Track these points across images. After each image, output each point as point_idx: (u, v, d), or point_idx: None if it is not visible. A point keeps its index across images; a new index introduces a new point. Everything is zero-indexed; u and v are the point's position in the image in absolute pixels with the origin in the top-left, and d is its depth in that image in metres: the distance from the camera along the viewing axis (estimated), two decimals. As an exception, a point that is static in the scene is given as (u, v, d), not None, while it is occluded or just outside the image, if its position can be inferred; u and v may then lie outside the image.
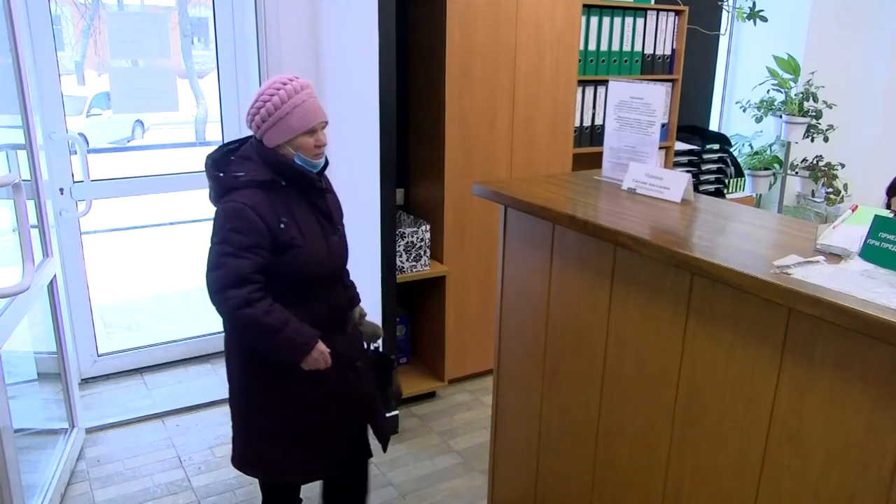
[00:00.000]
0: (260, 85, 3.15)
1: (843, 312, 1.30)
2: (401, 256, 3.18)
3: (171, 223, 6.56)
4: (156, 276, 5.41)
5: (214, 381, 3.54)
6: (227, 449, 3.00)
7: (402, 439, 3.14)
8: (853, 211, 1.68)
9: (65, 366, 2.88)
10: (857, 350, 1.37)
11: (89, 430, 3.09)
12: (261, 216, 1.89)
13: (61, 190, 3.19)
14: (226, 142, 2.10)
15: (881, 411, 1.34)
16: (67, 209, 3.22)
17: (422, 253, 3.26)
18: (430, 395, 3.49)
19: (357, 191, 3.07)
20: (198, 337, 3.80)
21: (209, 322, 4.00)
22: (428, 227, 3.27)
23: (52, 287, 2.78)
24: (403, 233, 3.18)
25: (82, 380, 3.47)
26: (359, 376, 2.17)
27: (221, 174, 1.95)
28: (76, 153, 3.18)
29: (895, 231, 1.48)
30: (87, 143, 3.71)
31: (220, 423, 3.20)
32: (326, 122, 2.06)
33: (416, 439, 3.13)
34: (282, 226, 1.92)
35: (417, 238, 3.22)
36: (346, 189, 3.21)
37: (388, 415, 3.10)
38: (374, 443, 2.26)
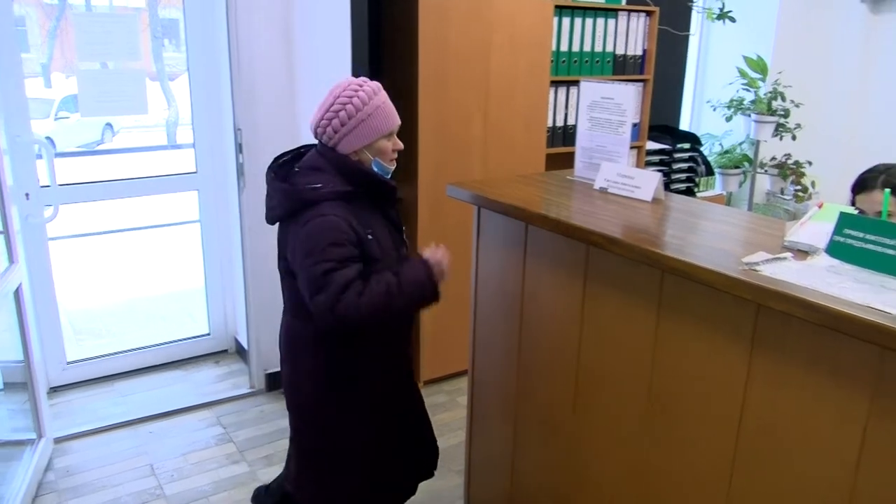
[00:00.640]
0: (233, 87, 3.13)
1: (811, 308, 1.31)
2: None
3: (142, 228, 6.47)
4: (126, 282, 5.34)
5: (187, 386, 3.50)
6: (201, 455, 2.98)
7: (378, 442, 3.12)
8: (819, 208, 1.71)
9: (31, 374, 2.82)
10: (826, 344, 1.38)
11: (59, 440, 3.03)
12: (353, 228, 1.82)
13: (27, 195, 3.13)
14: (278, 154, 2.03)
15: (850, 403, 1.36)
16: (33, 214, 3.16)
17: (396, 254, 3.25)
18: (407, 397, 3.48)
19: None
20: (170, 342, 3.75)
21: (181, 327, 3.97)
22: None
23: (17, 294, 2.73)
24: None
25: (52, 388, 3.41)
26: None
27: (291, 186, 1.85)
28: (42, 157, 3.13)
29: (860, 227, 1.51)
30: (55, 147, 3.66)
31: (194, 429, 3.17)
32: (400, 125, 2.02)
33: (392, 442, 3.12)
34: (369, 237, 1.86)
35: (391, 239, 3.21)
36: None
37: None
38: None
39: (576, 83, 3.59)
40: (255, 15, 3.09)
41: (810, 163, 4.79)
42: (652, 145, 4.40)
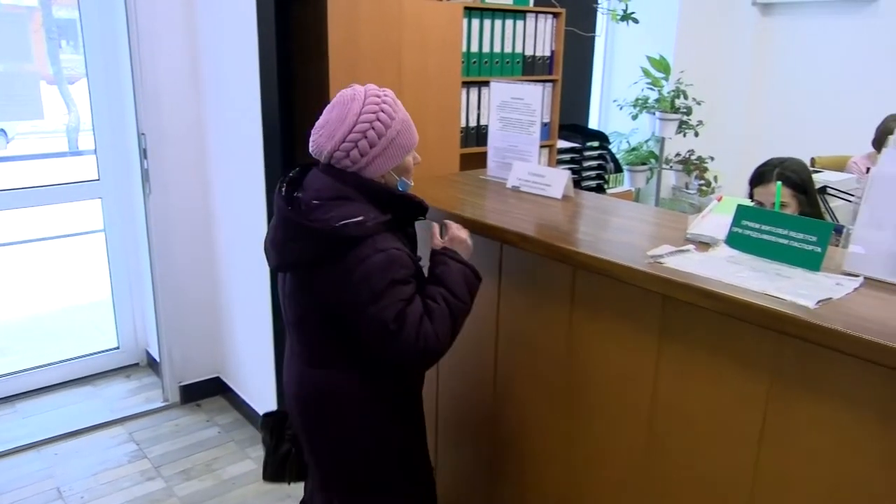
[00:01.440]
0: (136, 90, 3.02)
1: (712, 297, 1.38)
2: (291, 263, 3.11)
3: (43, 239, 6.15)
4: (27, 296, 5.06)
5: (97, 403, 3.35)
6: (113, 474, 2.86)
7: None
8: (719, 201, 1.79)
9: (-77, 398, 2.64)
10: (728, 331, 1.45)
11: (-45, 467, 2.85)
12: (412, 258, 1.64)
13: (-89, 207, 2.93)
14: (280, 181, 1.71)
15: (750, 385, 1.44)
16: (-81, 228, 2.96)
17: (313, 258, 3.20)
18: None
19: (242, 197, 2.99)
20: (76, 358, 3.58)
21: (88, 341, 3.79)
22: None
23: None
24: (293, 239, 3.12)
25: (-55, 412, 3.21)
26: None
27: (325, 225, 1.55)
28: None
29: (756, 219, 1.59)
30: (-59, 156, 3.44)
31: (105, 447, 3.03)
32: None
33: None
34: (420, 263, 1.69)
35: (307, 243, 3.17)
36: (230, 198, 3.12)
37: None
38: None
39: (487, 84, 3.63)
40: (156, 15, 2.99)
41: (712, 158, 5.01)
42: (562, 144, 4.50)
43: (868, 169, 3.81)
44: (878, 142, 3.90)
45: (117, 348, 3.68)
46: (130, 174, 3.37)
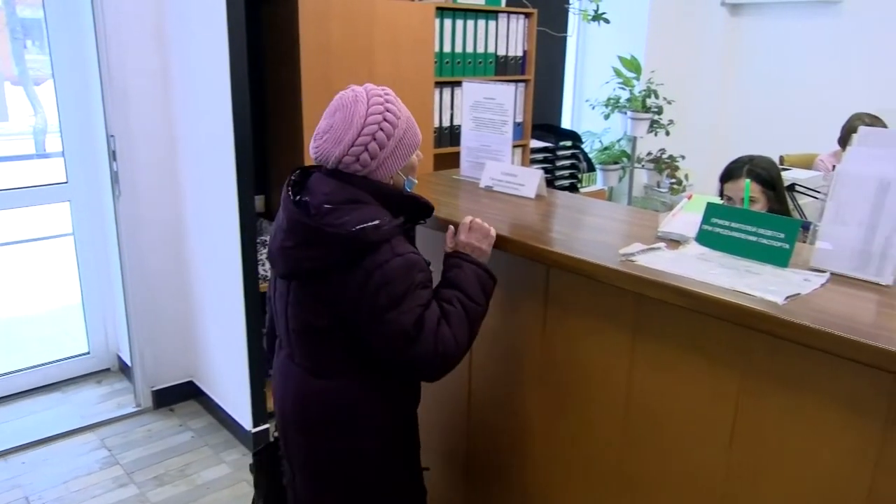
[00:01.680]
0: (104, 91, 2.97)
1: (683, 294, 1.39)
2: (263, 265, 3.09)
3: (9, 243, 6.03)
4: (-6, 302, 4.96)
5: (67, 409, 3.30)
6: (84, 481, 2.81)
7: (275, 452, 3.05)
8: (689, 199, 1.81)
9: None
10: (699, 328, 1.47)
11: (-80, 477, 2.79)
12: (425, 261, 1.61)
13: None
14: (286, 184, 1.65)
15: (721, 382, 1.46)
16: None
17: (286, 260, 3.18)
18: (303, 405, 3.42)
19: (214, 199, 2.96)
20: (45, 364, 3.52)
21: (57, 347, 3.73)
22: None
23: None
24: (265, 240, 3.10)
25: None
26: None
27: (347, 230, 1.50)
28: None
29: (725, 217, 1.61)
30: None
31: (76, 455, 2.99)
32: None
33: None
34: (430, 267, 1.65)
35: (281, 245, 3.14)
36: (203, 198, 3.09)
37: (257, 429, 3.02)
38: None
39: (460, 84, 3.64)
40: (124, 14, 2.95)
41: (683, 157, 5.07)
42: (535, 143, 4.52)
43: (834, 166, 3.88)
44: (844, 140, 3.97)
45: (88, 353, 3.63)
46: (99, 176, 3.32)
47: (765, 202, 2.39)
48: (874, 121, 3.89)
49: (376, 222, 1.51)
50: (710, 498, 1.52)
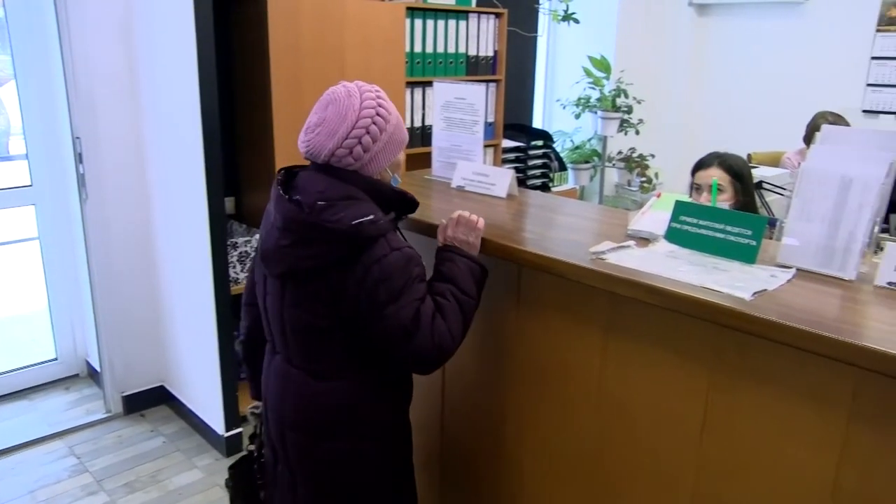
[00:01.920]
0: (69, 92, 2.92)
1: (653, 291, 1.41)
2: (234, 267, 3.06)
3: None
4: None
5: (34, 417, 3.23)
6: (52, 490, 2.76)
7: (248, 456, 3.02)
8: (658, 198, 1.83)
9: None
10: (668, 324, 1.49)
11: None
12: (419, 255, 1.62)
13: None
14: (277, 182, 1.65)
15: (693, 378, 1.47)
16: None
17: (257, 262, 3.15)
18: (277, 408, 3.39)
19: (183, 201, 2.93)
20: (11, 371, 3.45)
21: (24, 354, 3.65)
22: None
23: None
24: (236, 242, 3.07)
25: None
26: None
27: (347, 227, 1.50)
28: None
29: (693, 214, 1.63)
30: None
31: (43, 463, 2.93)
32: None
33: (263, 455, 3.03)
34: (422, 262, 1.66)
35: (251, 247, 3.12)
36: (171, 200, 3.05)
37: (230, 433, 2.99)
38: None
39: (431, 84, 3.64)
40: (88, 13, 2.90)
41: (653, 155, 5.12)
42: (507, 143, 4.54)
43: (801, 164, 3.95)
44: (809, 137, 4.05)
45: (55, 359, 3.56)
46: (65, 179, 3.26)
47: (732, 193, 2.44)
48: (837, 118, 3.96)
49: (371, 217, 1.52)
50: (682, 492, 1.54)
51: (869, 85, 4.73)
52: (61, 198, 3.33)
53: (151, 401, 3.39)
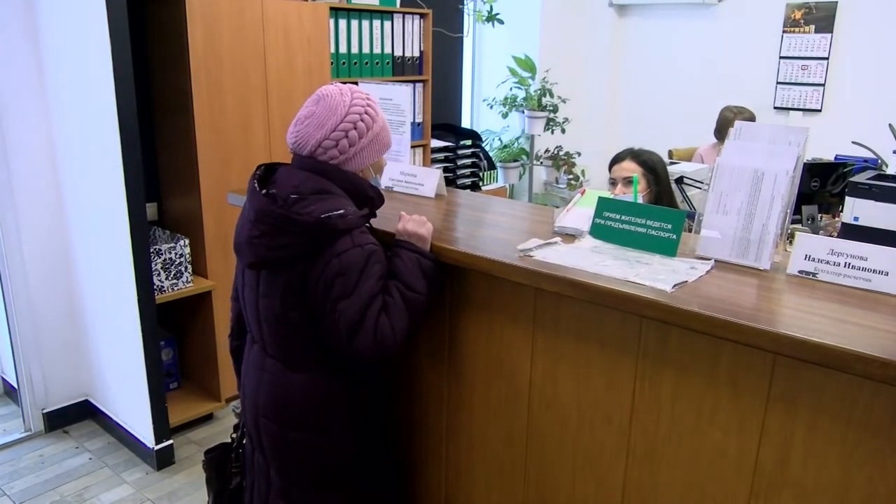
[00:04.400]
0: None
1: (577, 286, 1.44)
2: (159, 275, 2.97)
3: None
4: None
5: (-54, 439, 3.07)
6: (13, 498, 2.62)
7: (179, 469, 2.94)
8: (582, 195, 1.87)
9: None
10: (594, 318, 1.52)
11: None
12: (384, 254, 1.65)
13: None
14: (253, 177, 1.67)
15: (618, 369, 1.51)
16: None
17: (182, 269, 3.07)
18: (208, 418, 3.31)
19: (102, 208, 2.82)
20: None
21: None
22: (187, 241, 3.09)
23: None
24: (160, 249, 2.98)
25: None
26: None
27: (313, 219, 1.54)
28: None
29: (616, 210, 1.67)
30: None
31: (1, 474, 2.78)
32: None
33: (195, 467, 2.95)
34: (390, 257, 1.68)
35: (176, 254, 3.03)
36: (89, 207, 2.94)
37: (160, 446, 2.91)
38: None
39: (357, 84, 3.62)
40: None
41: (579, 153, 5.23)
42: (436, 143, 4.56)
43: (706, 158, 4.13)
44: (719, 131, 4.23)
45: (-33, 378, 3.39)
46: (-27, 188, 3.10)
47: (646, 184, 2.52)
48: (741, 110, 4.15)
49: (341, 211, 1.57)
50: (615, 480, 1.58)
51: (779, 83, 4.96)
52: (-31, 208, 3.16)
53: (75, 416, 3.26)
